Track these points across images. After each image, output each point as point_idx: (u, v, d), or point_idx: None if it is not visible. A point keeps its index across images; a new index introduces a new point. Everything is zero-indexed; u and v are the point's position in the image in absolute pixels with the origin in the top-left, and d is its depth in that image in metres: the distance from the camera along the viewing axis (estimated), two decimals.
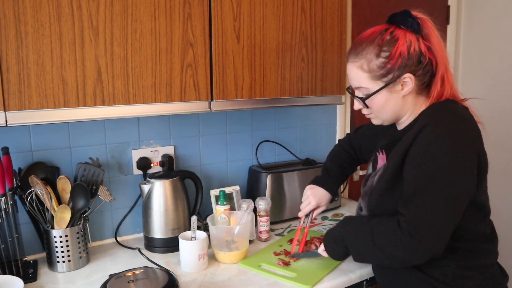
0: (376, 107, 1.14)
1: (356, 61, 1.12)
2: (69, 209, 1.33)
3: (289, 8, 1.48)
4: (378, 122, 1.20)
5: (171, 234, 1.47)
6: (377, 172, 1.22)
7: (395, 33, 1.08)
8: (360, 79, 1.12)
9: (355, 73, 1.13)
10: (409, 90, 1.10)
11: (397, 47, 1.07)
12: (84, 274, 1.33)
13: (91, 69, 1.17)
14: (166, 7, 1.25)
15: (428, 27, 1.10)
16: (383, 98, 1.12)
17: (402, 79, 1.09)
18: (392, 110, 1.14)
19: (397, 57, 1.07)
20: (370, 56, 1.09)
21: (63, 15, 1.12)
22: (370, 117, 1.21)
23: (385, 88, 1.10)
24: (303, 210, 1.42)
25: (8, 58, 1.07)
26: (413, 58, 1.08)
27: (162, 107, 1.30)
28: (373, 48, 1.09)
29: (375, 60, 1.09)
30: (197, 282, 1.27)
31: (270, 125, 1.89)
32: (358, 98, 1.16)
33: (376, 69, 1.09)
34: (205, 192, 1.65)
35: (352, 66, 1.13)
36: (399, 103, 1.13)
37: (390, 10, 1.14)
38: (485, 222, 1.15)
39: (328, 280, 1.27)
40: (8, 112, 1.09)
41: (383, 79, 1.09)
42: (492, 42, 2.33)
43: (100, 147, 1.54)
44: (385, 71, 1.08)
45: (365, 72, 1.10)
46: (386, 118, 1.17)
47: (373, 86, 1.11)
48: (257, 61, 1.44)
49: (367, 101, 1.14)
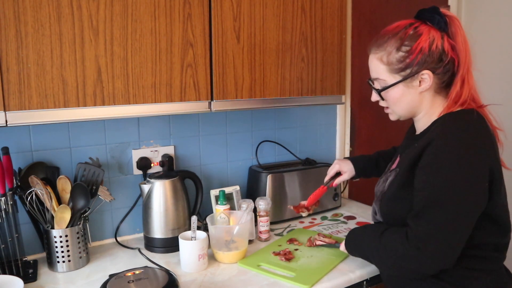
0: (391, 101, 1.15)
1: (377, 52, 1.12)
2: (69, 209, 1.33)
3: (289, 8, 1.48)
4: (394, 117, 1.21)
5: (171, 234, 1.47)
6: (387, 176, 1.23)
7: (419, 29, 1.08)
8: (379, 71, 1.13)
9: (374, 64, 1.14)
10: (426, 87, 1.10)
11: (419, 42, 1.07)
12: (84, 274, 1.33)
13: (91, 69, 1.17)
14: (166, 7, 1.25)
15: (455, 25, 1.09)
16: (399, 92, 1.12)
17: (420, 75, 1.09)
18: (407, 106, 1.14)
19: (417, 53, 1.07)
20: (390, 49, 1.10)
21: (63, 15, 1.12)
22: (387, 112, 1.22)
23: (402, 82, 1.10)
24: (328, 173, 1.51)
25: (8, 58, 1.07)
26: (434, 55, 1.07)
27: (162, 107, 1.30)
28: (395, 41, 1.09)
29: (395, 54, 1.09)
30: (197, 282, 1.27)
31: (270, 125, 1.89)
32: (375, 90, 1.17)
33: (395, 62, 1.09)
34: (205, 192, 1.65)
35: (373, 58, 1.14)
36: (416, 100, 1.13)
37: (390, 10, 1.15)
38: (504, 237, 1.12)
39: (328, 280, 1.27)
40: (8, 112, 1.09)
41: (401, 73, 1.10)
42: (492, 42, 2.32)
43: (100, 147, 1.54)
44: (403, 65, 1.09)
45: (384, 64, 1.11)
46: (401, 113, 1.17)
47: (390, 79, 1.12)
48: (257, 61, 1.44)
49: (383, 93, 1.14)
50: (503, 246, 1.13)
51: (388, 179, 1.21)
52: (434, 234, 1.01)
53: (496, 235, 1.10)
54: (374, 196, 1.29)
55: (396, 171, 1.18)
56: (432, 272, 1.06)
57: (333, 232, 1.64)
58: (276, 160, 1.93)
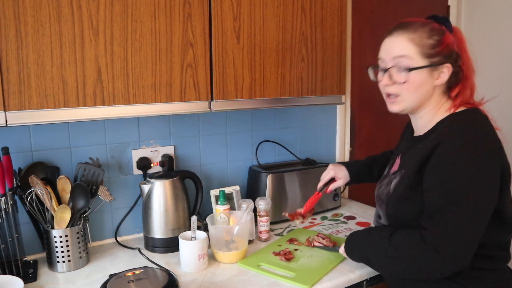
0: (411, 85, 1.12)
1: (405, 33, 1.12)
2: (69, 209, 1.33)
3: (289, 8, 1.48)
4: (399, 107, 1.16)
5: (171, 234, 1.47)
6: (391, 179, 1.22)
7: (442, 27, 1.13)
8: (408, 50, 1.11)
9: (403, 44, 1.12)
10: (442, 81, 1.12)
11: (446, 37, 1.11)
12: (84, 274, 1.33)
13: (91, 69, 1.17)
14: (166, 7, 1.25)
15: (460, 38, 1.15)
16: (422, 77, 1.11)
17: (442, 67, 1.11)
18: (420, 96, 1.13)
19: (445, 45, 1.11)
20: (422, 34, 1.11)
21: (63, 15, 1.12)
22: (394, 101, 1.16)
23: (428, 68, 1.11)
24: (322, 179, 1.50)
25: (8, 58, 1.07)
26: (454, 53, 1.12)
27: (162, 107, 1.30)
28: (425, 29, 1.11)
29: (427, 39, 1.11)
30: (197, 282, 1.27)
31: (270, 125, 1.89)
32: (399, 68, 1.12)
33: (426, 47, 1.10)
34: (205, 192, 1.65)
35: (401, 38, 1.12)
36: (429, 92, 1.13)
37: (390, 10, 1.15)
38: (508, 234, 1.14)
39: (328, 280, 1.27)
40: (8, 112, 1.09)
41: (430, 59, 1.11)
42: (492, 42, 2.32)
43: (100, 147, 1.54)
44: (434, 52, 1.10)
45: (415, 45, 1.11)
46: (411, 103, 1.14)
47: (418, 61, 1.11)
48: (257, 61, 1.44)
49: (409, 73, 1.11)
50: (507, 244, 1.13)
51: (392, 181, 1.21)
52: (452, 235, 1.01)
53: (501, 233, 1.11)
54: (376, 200, 1.28)
55: (402, 173, 1.17)
56: (449, 273, 1.04)
57: (333, 232, 1.64)
58: (276, 160, 1.93)
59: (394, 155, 1.32)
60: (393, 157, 1.32)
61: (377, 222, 1.28)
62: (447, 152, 1.04)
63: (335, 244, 1.46)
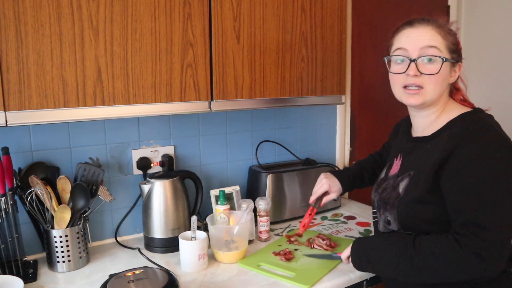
0: (439, 77, 1.09)
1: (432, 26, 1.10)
2: (69, 209, 1.33)
3: (289, 8, 1.48)
4: (420, 100, 1.11)
5: (171, 234, 1.47)
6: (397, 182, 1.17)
7: None
8: (438, 41, 1.09)
9: (432, 34, 1.09)
10: (454, 79, 1.14)
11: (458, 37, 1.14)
12: (84, 274, 1.33)
13: (91, 69, 1.17)
14: (166, 7, 1.25)
15: None
16: (446, 71, 1.11)
17: (457, 65, 1.13)
18: (441, 90, 1.12)
19: (460, 44, 1.14)
20: (445, 29, 1.11)
21: (63, 15, 1.12)
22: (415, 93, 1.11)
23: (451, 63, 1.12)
24: (315, 192, 1.44)
25: (8, 58, 1.07)
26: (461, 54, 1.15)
27: (162, 107, 1.30)
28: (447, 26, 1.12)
29: (449, 35, 1.11)
30: (197, 282, 1.27)
31: (270, 125, 1.89)
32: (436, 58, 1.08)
33: (451, 41, 1.11)
34: (205, 192, 1.65)
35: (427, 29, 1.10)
36: (444, 88, 1.13)
37: (390, 10, 1.15)
38: None
39: (328, 280, 1.27)
40: (8, 112, 1.09)
41: (452, 54, 1.12)
42: (492, 42, 2.33)
43: (100, 147, 1.53)
44: (455, 48, 1.12)
45: (443, 39, 1.10)
46: (432, 96, 1.11)
47: (446, 55, 1.10)
48: (257, 61, 1.44)
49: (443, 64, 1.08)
50: None
51: (399, 184, 1.16)
52: (494, 239, 0.99)
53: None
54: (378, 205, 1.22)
55: (411, 175, 1.13)
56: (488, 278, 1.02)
57: (333, 232, 1.64)
58: (276, 160, 1.93)
59: (390, 157, 1.29)
60: (390, 159, 1.28)
61: (386, 228, 1.19)
62: (469, 155, 1.02)
63: (334, 246, 1.45)
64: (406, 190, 1.13)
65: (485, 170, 1.01)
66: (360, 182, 1.49)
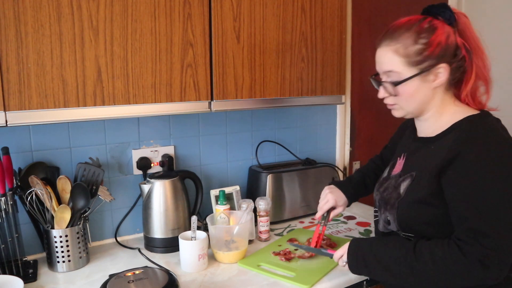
0: (405, 96, 1.10)
1: (392, 45, 1.09)
2: (69, 209, 1.33)
3: (289, 8, 1.48)
4: (400, 113, 1.15)
5: (171, 234, 1.47)
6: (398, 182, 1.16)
7: (433, 23, 1.07)
8: (394, 63, 1.09)
9: (389, 57, 1.09)
10: (441, 82, 1.08)
11: (436, 35, 1.06)
12: (84, 274, 1.33)
13: (91, 69, 1.17)
14: (166, 7, 1.25)
15: (464, 22, 1.09)
16: (414, 86, 1.08)
17: (437, 69, 1.07)
18: (419, 102, 1.10)
19: (435, 45, 1.05)
20: (407, 41, 1.07)
21: (63, 15, 1.12)
22: (392, 108, 1.16)
23: (418, 75, 1.07)
24: (321, 208, 1.40)
25: (8, 58, 1.07)
26: (450, 49, 1.06)
27: (162, 107, 1.30)
28: (411, 34, 1.07)
29: (412, 46, 1.06)
30: (197, 282, 1.27)
31: (270, 125, 1.89)
32: (387, 83, 1.11)
33: (412, 55, 1.06)
34: (205, 192, 1.65)
35: (386, 50, 1.10)
36: (428, 95, 1.10)
37: (390, 10, 1.15)
38: None
39: (328, 280, 1.27)
40: (8, 112, 1.09)
41: (419, 66, 1.07)
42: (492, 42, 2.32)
43: (100, 147, 1.54)
44: (422, 57, 1.06)
45: (401, 56, 1.07)
46: (411, 109, 1.12)
47: (407, 72, 1.08)
48: (257, 61, 1.44)
49: (398, 87, 1.09)
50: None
51: (401, 184, 1.15)
52: (498, 247, 0.97)
53: None
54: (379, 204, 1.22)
55: (413, 176, 1.12)
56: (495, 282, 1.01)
57: (333, 232, 1.64)
58: (276, 160, 1.93)
59: (394, 156, 1.28)
60: (394, 158, 1.28)
61: (385, 228, 1.18)
62: (473, 161, 1.00)
63: (334, 246, 1.45)
64: (407, 190, 1.13)
65: (489, 176, 0.99)
66: (364, 190, 1.47)
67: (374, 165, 1.51)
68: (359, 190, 1.46)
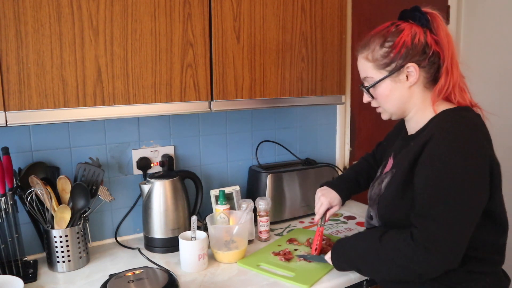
0: (381, 98, 1.16)
1: (363, 52, 1.16)
2: (69, 209, 1.33)
3: (289, 8, 1.48)
4: (386, 116, 1.22)
5: (171, 234, 1.47)
6: (383, 179, 1.21)
7: (401, 26, 1.12)
8: (366, 69, 1.16)
9: (362, 64, 1.17)
10: (414, 81, 1.12)
11: (401, 37, 1.10)
12: (84, 274, 1.33)
13: (91, 69, 1.17)
14: (166, 7, 1.25)
15: (437, 21, 1.12)
16: (387, 87, 1.14)
17: (406, 68, 1.11)
18: (397, 102, 1.15)
19: (400, 46, 1.10)
20: (374, 46, 1.13)
21: (63, 15, 1.12)
22: (379, 111, 1.23)
23: (388, 77, 1.12)
24: (318, 212, 1.42)
25: (8, 58, 1.07)
26: (417, 48, 1.10)
27: (162, 107, 1.30)
28: (378, 39, 1.13)
29: (379, 50, 1.12)
30: (197, 282, 1.27)
31: (270, 125, 1.89)
32: (364, 88, 1.18)
33: (379, 58, 1.12)
34: (205, 192, 1.65)
35: (360, 58, 1.17)
36: (405, 95, 1.14)
37: (390, 10, 1.15)
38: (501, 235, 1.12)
39: (327, 280, 1.27)
40: (8, 112, 1.09)
41: (387, 68, 1.12)
42: (492, 42, 2.33)
43: (100, 147, 1.54)
44: (388, 60, 1.11)
45: (370, 62, 1.14)
46: (392, 110, 1.18)
47: (377, 75, 1.14)
48: (257, 61, 1.44)
49: (372, 90, 1.16)
50: (501, 246, 1.12)
51: (383, 181, 1.20)
52: (442, 233, 1.00)
53: (493, 234, 1.10)
54: (368, 201, 1.27)
55: (393, 172, 1.17)
56: (438, 273, 1.04)
57: (333, 232, 1.64)
58: (276, 160, 1.93)
59: (386, 156, 1.31)
60: (386, 157, 1.30)
61: (368, 223, 1.26)
62: (436, 148, 1.03)
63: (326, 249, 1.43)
64: (386, 186, 1.18)
65: (447, 165, 1.01)
66: (357, 188, 1.49)
67: (366, 163, 1.52)
68: (352, 188, 1.48)
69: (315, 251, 1.39)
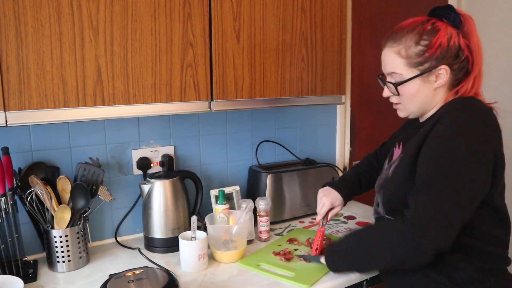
0: (406, 96, 1.14)
1: (394, 46, 1.12)
2: (69, 209, 1.33)
3: (289, 8, 1.48)
4: (404, 114, 1.20)
5: (171, 234, 1.47)
6: (391, 165, 1.21)
7: (436, 24, 1.10)
8: (396, 64, 1.12)
9: (391, 58, 1.13)
10: (442, 83, 1.11)
11: (438, 37, 1.08)
12: (84, 274, 1.33)
13: (91, 69, 1.17)
14: (166, 7, 1.25)
15: (469, 24, 1.11)
16: (415, 87, 1.12)
17: (438, 70, 1.09)
18: (421, 102, 1.14)
19: (436, 47, 1.08)
20: (409, 42, 1.10)
21: (63, 15, 1.12)
22: (397, 108, 1.20)
23: (419, 76, 1.10)
24: (320, 212, 1.42)
25: (8, 58, 1.07)
26: (451, 51, 1.08)
27: (162, 107, 1.30)
28: (413, 36, 1.10)
29: (414, 48, 1.09)
30: (197, 282, 1.27)
31: (270, 125, 1.89)
32: (390, 84, 1.15)
33: (413, 56, 1.10)
34: (205, 192, 1.65)
35: (389, 51, 1.13)
36: (430, 96, 1.13)
37: (390, 10, 1.15)
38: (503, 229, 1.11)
39: (327, 280, 1.27)
40: (8, 112, 1.09)
41: (419, 67, 1.10)
42: (492, 42, 2.32)
43: (100, 147, 1.54)
44: (422, 59, 1.09)
45: (402, 58, 1.11)
46: (414, 109, 1.16)
47: (408, 73, 1.11)
48: (257, 61, 1.44)
49: (399, 88, 1.13)
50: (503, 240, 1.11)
51: (391, 167, 1.19)
52: (431, 210, 0.99)
53: (494, 226, 1.09)
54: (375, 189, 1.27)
55: (401, 157, 1.15)
56: (426, 256, 1.01)
57: (333, 232, 1.64)
58: (276, 160, 1.93)
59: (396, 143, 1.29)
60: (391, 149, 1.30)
61: (375, 212, 1.25)
62: (442, 130, 1.03)
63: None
64: (393, 171, 1.17)
65: (450, 147, 1.00)
66: (358, 188, 1.48)
67: (368, 163, 1.52)
68: (354, 189, 1.48)
69: (316, 252, 1.39)
